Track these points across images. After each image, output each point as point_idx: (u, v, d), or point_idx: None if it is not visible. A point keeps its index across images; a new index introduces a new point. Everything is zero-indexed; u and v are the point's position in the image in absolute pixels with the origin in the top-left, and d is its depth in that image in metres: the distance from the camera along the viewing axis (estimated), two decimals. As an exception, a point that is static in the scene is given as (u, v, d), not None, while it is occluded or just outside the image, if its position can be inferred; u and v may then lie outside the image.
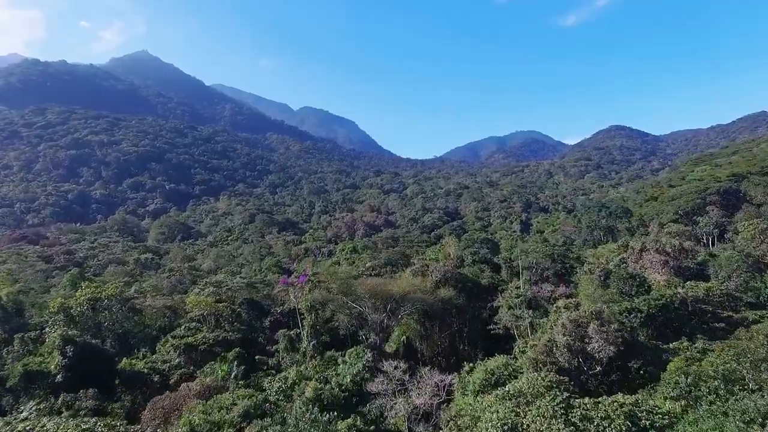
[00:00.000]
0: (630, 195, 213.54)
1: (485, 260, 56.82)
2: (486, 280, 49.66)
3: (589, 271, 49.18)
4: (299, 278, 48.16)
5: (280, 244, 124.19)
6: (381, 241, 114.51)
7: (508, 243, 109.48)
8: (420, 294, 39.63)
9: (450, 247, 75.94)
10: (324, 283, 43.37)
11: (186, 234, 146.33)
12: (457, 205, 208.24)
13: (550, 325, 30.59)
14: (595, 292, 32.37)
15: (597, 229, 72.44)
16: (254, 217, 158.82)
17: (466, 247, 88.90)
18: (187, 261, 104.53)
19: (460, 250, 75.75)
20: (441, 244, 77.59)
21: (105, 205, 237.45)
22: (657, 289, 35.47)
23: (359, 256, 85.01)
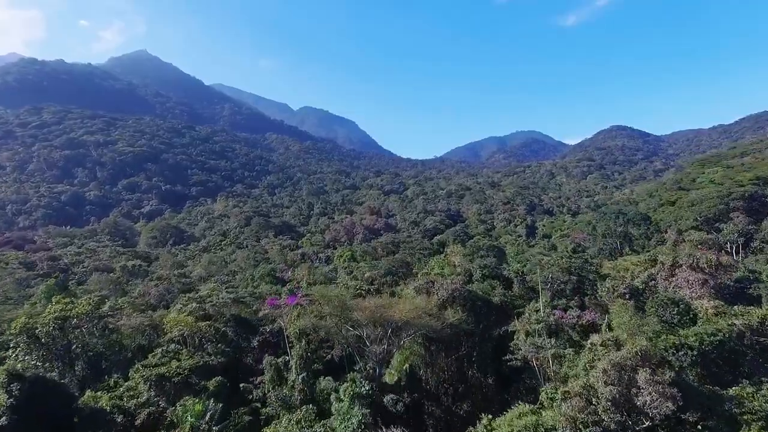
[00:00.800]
0: (639, 198, 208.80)
1: (496, 275, 51.62)
2: (498, 297, 44.56)
3: (612, 289, 44.10)
4: (288, 299, 43.02)
5: (275, 249, 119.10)
6: (381, 246, 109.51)
7: (514, 249, 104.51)
8: (426, 318, 34.50)
9: (455, 256, 70.85)
10: (316, 305, 38.20)
11: (178, 238, 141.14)
12: (458, 207, 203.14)
13: (582, 364, 25.48)
14: (631, 321, 27.46)
15: (613, 238, 67.36)
16: (250, 220, 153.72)
17: (471, 254, 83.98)
18: (177, 268, 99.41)
19: (466, 260, 70.76)
20: (445, 252, 72.61)
21: (99, 207, 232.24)
22: (705, 318, 30.50)
23: (358, 265, 79.96)
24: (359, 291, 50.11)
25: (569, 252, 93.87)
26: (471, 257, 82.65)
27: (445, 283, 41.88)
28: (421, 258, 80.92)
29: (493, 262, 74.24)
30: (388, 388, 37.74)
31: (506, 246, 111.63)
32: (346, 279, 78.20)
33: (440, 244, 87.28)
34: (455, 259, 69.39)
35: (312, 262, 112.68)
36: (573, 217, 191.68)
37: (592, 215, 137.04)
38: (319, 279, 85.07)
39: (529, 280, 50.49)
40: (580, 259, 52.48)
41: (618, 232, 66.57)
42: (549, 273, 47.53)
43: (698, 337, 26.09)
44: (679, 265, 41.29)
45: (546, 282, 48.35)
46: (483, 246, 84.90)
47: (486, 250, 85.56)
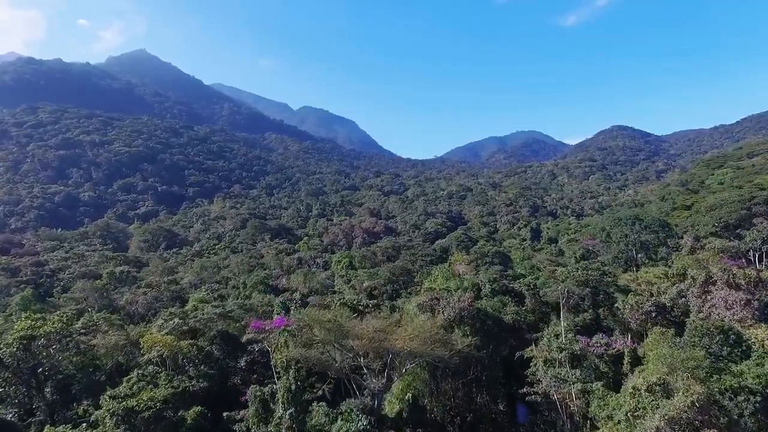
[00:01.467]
0: (644, 199, 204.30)
1: (507, 289, 47.22)
2: (510, 316, 40.26)
3: (636, 306, 39.81)
4: (276, 320, 38.62)
5: (271, 254, 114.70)
6: (381, 251, 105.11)
7: (519, 254, 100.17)
8: (431, 346, 30.13)
9: (460, 265, 66.66)
10: (306, 329, 33.81)
11: (171, 242, 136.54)
12: (460, 209, 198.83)
13: (624, 412, 21.17)
14: (672, 354, 23.24)
15: (629, 245, 63.02)
16: (246, 222, 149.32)
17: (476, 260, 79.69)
18: (167, 274, 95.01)
19: (471, 268, 66.48)
20: (449, 261, 68.42)
21: (93, 208, 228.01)
22: (761, 350, 26.17)
23: (356, 273, 75.66)
24: (357, 306, 45.64)
25: (578, 257, 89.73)
26: (476, 264, 78.55)
27: (452, 300, 37.49)
28: (424, 265, 76.58)
29: (499, 270, 70.01)
30: (389, 421, 33.39)
31: (511, 251, 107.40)
32: (345, 288, 73.97)
33: (443, 250, 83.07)
34: (460, 268, 65.18)
35: (309, 267, 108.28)
36: (577, 219, 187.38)
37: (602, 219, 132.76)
38: (315, 287, 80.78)
39: (542, 294, 46.12)
40: (597, 270, 48.09)
41: (634, 239, 62.29)
42: (565, 287, 43.15)
43: (761, 380, 21.84)
44: (713, 281, 36.93)
45: (563, 297, 44.00)
46: (488, 252, 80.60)
47: (491, 257, 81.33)
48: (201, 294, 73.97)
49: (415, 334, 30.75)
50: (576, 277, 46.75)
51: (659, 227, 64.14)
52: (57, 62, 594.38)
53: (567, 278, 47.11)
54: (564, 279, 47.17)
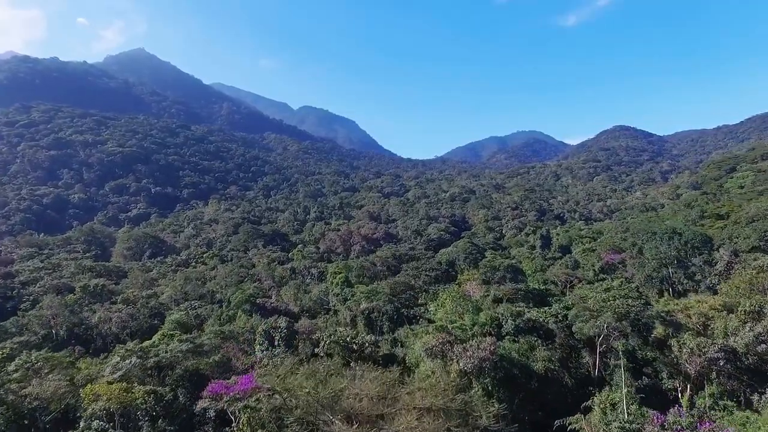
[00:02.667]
0: (656, 203, 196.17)
1: (533, 326, 39.32)
2: (541, 363, 32.50)
3: (698, 350, 31.95)
4: (240, 382, 30.65)
5: (263, 263, 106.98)
6: (380, 261, 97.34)
7: (531, 265, 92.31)
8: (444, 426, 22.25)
9: (470, 285, 58.75)
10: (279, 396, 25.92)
11: (156, 249, 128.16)
12: (463, 212, 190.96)
13: None
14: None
15: (665, 263, 55.14)
16: (238, 227, 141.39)
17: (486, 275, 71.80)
18: (147, 287, 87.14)
19: (482, 288, 58.60)
20: (458, 280, 60.65)
21: (83, 211, 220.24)
22: None
23: (352, 291, 67.80)
24: (351, 344, 37.70)
25: (597, 270, 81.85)
26: (487, 280, 70.66)
27: (469, 347, 29.60)
28: (428, 281, 68.70)
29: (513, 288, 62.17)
30: None
31: (522, 261, 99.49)
32: (340, 308, 66.08)
33: (449, 264, 75.33)
34: (471, 289, 57.32)
35: (302, 278, 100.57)
36: (586, 223, 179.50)
37: (616, 225, 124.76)
38: (307, 305, 73.01)
39: (576, 330, 38.22)
40: (636, 297, 40.19)
41: (671, 256, 54.50)
42: (604, 323, 35.25)
43: None
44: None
45: (599, 334, 36.11)
46: (499, 266, 72.72)
47: (503, 271, 73.44)
48: (178, 314, 66.17)
49: (425, 404, 22.82)
50: (614, 307, 38.86)
51: (700, 243, 56.29)
52: (53, 61, 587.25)
53: (603, 308, 39.27)
54: (599, 308, 39.33)
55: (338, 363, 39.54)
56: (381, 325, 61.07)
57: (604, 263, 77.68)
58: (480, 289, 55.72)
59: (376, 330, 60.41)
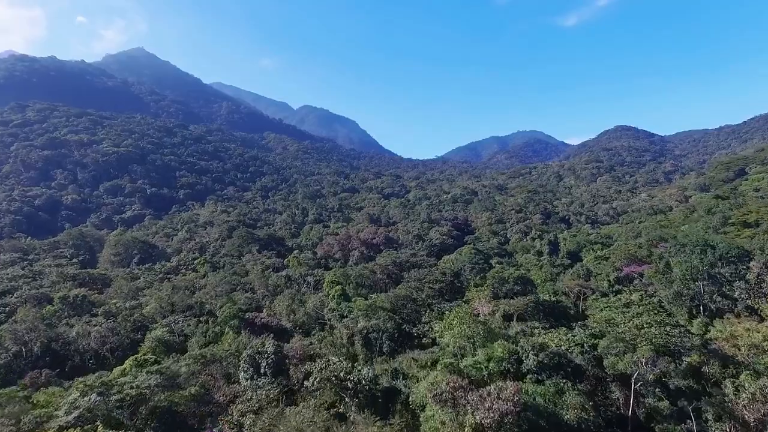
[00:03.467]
0: (664, 205, 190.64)
1: (559, 362, 33.94)
2: (573, 413, 27.09)
3: (760, 395, 26.55)
4: None
5: (257, 270, 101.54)
6: (380, 269, 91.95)
7: (541, 274, 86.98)
8: None
9: (479, 303, 53.42)
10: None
11: (145, 255, 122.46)
12: (466, 215, 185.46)
13: None
14: None
15: (697, 280, 49.72)
16: (233, 231, 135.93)
17: (495, 288, 66.41)
18: (131, 298, 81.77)
19: (492, 305, 53.29)
20: (466, 297, 55.34)
21: (76, 212, 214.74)
22: None
23: (349, 306, 62.44)
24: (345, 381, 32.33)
25: (612, 281, 76.56)
26: (495, 292, 65.32)
27: (488, 397, 24.27)
28: (432, 295, 63.29)
29: (525, 303, 56.94)
30: None
31: (530, 270, 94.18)
32: (336, 325, 60.75)
33: (454, 275, 70.03)
34: (480, 308, 51.99)
35: (298, 286, 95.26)
36: (593, 227, 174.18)
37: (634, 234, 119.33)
38: (301, 319, 67.64)
39: (608, 365, 32.87)
40: (677, 328, 34.80)
41: (703, 271, 49.16)
42: (642, 357, 29.91)
43: None
44: None
45: (634, 370, 30.75)
46: (508, 278, 67.37)
47: (512, 283, 68.13)
48: (161, 331, 60.82)
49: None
50: (649, 336, 33.51)
51: (737, 257, 50.92)
52: (51, 60, 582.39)
53: (636, 336, 33.91)
54: (632, 337, 33.96)
55: (330, 397, 34.27)
56: (381, 344, 55.80)
57: (624, 275, 72.30)
58: (489, 305, 50.43)
59: (375, 350, 55.12)
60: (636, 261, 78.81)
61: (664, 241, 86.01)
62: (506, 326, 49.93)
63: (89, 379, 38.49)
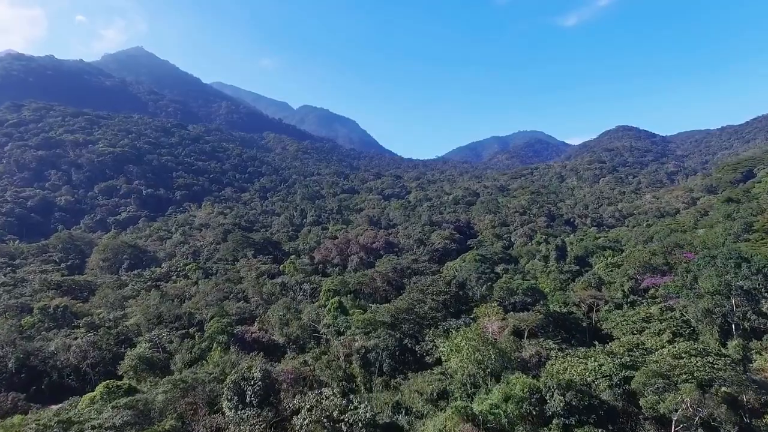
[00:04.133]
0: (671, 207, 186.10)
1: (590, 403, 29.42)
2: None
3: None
4: None
5: (251, 277, 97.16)
6: (380, 276, 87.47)
7: (549, 283, 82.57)
8: None
9: (489, 321, 48.97)
10: None
11: (136, 260, 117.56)
12: (468, 217, 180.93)
13: None
14: None
15: (730, 296, 45.25)
16: (228, 234, 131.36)
17: (504, 299, 61.94)
18: (116, 307, 77.27)
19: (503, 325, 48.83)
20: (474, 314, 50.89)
21: (70, 214, 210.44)
22: None
23: (347, 321, 57.99)
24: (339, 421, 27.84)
25: (626, 291, 72.09)
26: (503, 304, 60.87)
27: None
28: (437, 308, 58.77)
29: (539, 319, 52.54)
30: None
31: (538, 277, 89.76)
32: (332, 341, 56.28)
33: (460, 286, 65.50)
34: (490, 326, 47.52)
35: (294, 294, 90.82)
36: (598, 229, 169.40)
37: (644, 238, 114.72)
38: (295, 333, 63.09)
39: (645, 405, 28.37)
40: (720, 356, 30.33)
41: (736, 286, 44.69)
42: (687, 396, 25.44)
43: None
44: None
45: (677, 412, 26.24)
46: (517, 289, 62.88)
47: (522, 294, 63.66)
48: (143, 347, 56.36)
49: None
50: (690, 368, 28.99)
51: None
52: (48, 59, 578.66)
53: (675, 368, 29.37)
54: (671, 370, 29.41)
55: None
56: (381, 363, 51.36)
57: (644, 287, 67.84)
58: (502, 328, 45.95)
59: (375, 370, 50.67)
60: (651, 269, 74.40)
61: (679, 248, 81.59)
62: (518, 345, 45.48)
63: (43, 417, 33.79)
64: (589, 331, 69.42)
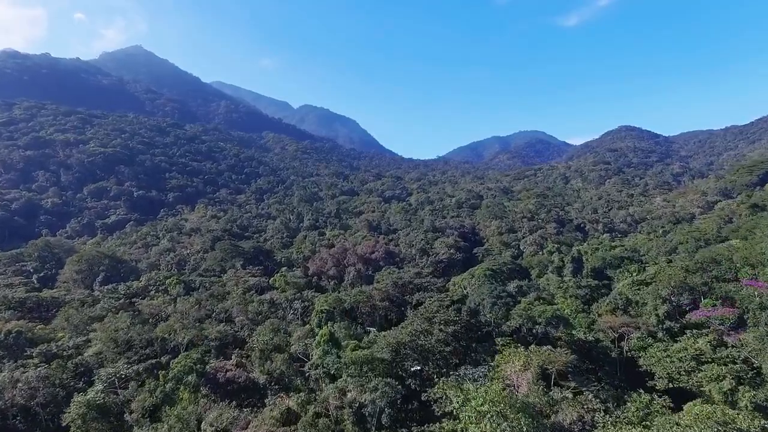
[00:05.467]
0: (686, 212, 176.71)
1: None
2: None
3: None
4: None
5: (237, 292, 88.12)
6: (380, 294, 78.41)
7: (569, 304, 73.36)
8: None
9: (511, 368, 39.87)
10: None
11: (113, 272, 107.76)
12: (473, 222, 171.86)
13: None
14: None
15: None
16: (216, 242, 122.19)
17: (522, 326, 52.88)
18: (80, 332, 68.16)
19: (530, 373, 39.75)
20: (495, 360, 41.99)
21: (56, 217, 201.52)
22: None
23: (338, 361, 48.93)
24: None
25: (661, 317, 63.11)
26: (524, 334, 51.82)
27: None
28: (446, 340, 49.71)
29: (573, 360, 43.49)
30: None
31: (554, 293, 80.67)
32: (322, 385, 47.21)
33: (472, 314, 56.34)
34: (514, 375, 38.44)
35: (284, 313, 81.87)
36: (611, 236, 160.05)
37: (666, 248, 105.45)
38: (278, 370, 53.95)
39: None
40: None
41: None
42: None
43: None
44: None
45: None
46: (539, 317, 53.82)
47: (545, 323, 54.59)
48: (91, 393, 47.25)
49: None
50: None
51: None
52: (44, 57, 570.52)
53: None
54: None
55: None
56: (379, 414, 42.32)
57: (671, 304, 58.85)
58: (528, 378, 36.94)
59: (372, 425, 41.60)
60: (687, 289, 65.31)
61: (716, 264, 72.58)
62: (550, 400, 36.49)
63: None
64: (620, 364, 60.47)
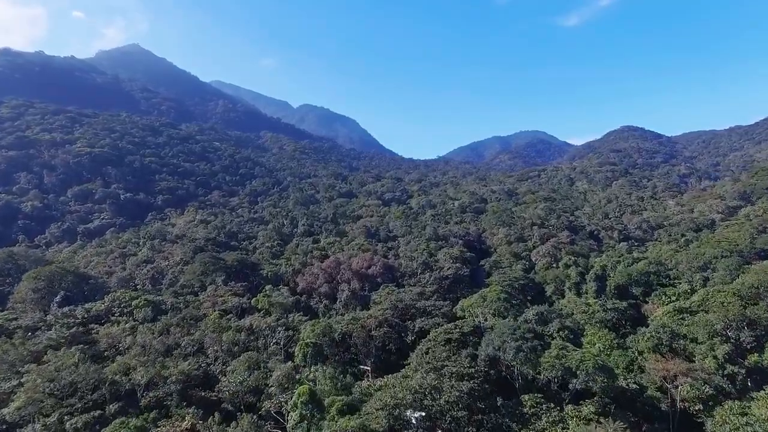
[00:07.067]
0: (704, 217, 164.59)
1: None
2: None
3: None
4: None
5: (213, 318, 76.59)
6: (375, 322, 66.86)
7: (600, 337, 61.94)
8: None
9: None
10: None
11: (75, 290, 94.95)
12: (479, 229, 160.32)
13: None
14: None
15: None
16: (195, 254, 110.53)
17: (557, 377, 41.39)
18: (13, 374, 56.58)
19: None
20: None
21: (36, 221, 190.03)
22: None
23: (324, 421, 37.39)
24: None
25: (720, 360, 51.80)
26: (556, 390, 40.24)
27: None
28: (456, 400, 38.25)
29: None
30: None
31: (581, 322, 69.17)
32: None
33: (490, 362, 44.92)
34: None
35: (265, 341, 70.41)
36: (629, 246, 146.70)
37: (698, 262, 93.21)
38: None
39: None
40: None
41: None
42: None
43: None
44: None
45: None
46: (577, 368, 42.39)
47: (582, 376, 43.04)
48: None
49: None
50: None
51: None
52: (37, 55, 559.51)
53: None
54: None
55: None
56: None
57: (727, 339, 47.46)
58: None
59: None
60: (748, 323, 54.04)
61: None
62: None
63: None
64: (673, 420, 48.94)
